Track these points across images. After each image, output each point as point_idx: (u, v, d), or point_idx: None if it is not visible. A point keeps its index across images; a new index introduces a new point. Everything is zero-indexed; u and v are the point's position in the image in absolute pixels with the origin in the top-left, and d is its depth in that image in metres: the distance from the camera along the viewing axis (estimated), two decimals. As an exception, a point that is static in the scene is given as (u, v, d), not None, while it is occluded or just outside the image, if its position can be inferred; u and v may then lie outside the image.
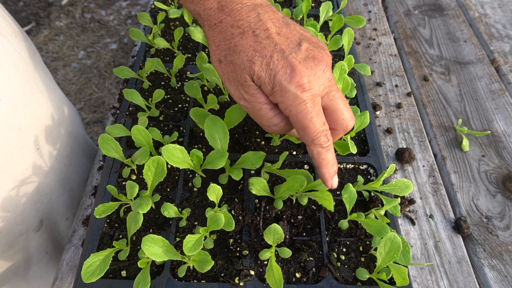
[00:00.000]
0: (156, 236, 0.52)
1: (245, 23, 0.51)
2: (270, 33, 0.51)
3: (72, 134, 0.86)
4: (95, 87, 2.58)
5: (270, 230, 0.54)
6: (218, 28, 0.53)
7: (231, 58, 0.52)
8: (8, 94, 0.64)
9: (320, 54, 0.52)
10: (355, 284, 0.58)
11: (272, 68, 0.49)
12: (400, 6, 1.22)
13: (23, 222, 0.74)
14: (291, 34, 0.52)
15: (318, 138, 0.52)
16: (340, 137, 0.57)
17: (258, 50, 0.50)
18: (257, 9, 0.52)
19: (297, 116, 0.50)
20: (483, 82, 0.99)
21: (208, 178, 0.68)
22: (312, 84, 0.50)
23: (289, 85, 0.49)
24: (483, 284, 0.67)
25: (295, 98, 0.49)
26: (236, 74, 0.52)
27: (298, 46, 0.51)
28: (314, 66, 0.50)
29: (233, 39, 0.51)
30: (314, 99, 0.50)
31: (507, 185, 0.79)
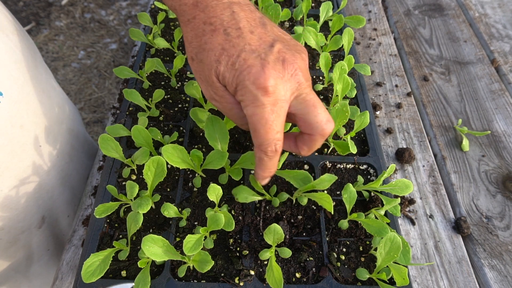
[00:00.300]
0: (156, 236, 0.52)
1: (218, 21, 0.50)
2: (242, 32, 0.49)
3: (72, 132, 0.87)
4: (95, 87, 2.58)
5: (270, 230, 0.54)
6: (191, 24, 0.51)
7: (201, 57, 0.51)
8: (10, 91, 0.64)
9: (292, 57, 0.50)
10: (355, 284, 0.58)
11: (237, 68, 0.48)
12: (400, 6, 1.22)
13: (25, 219, 0.74)
14: (265, 35, 0.50)
15: (264, 145, 0.50)
16: (320, 143, 0.54)
17: (227, 48, 0.48)
18: (233, 7, 0.51)
19: (252, 117, 0.49)
20: (483, 82, 0.99)
21: (208, 178, 0.68)
22: (277, 88, 0.48)
23: (251, 85, 0.47)
24: (483, 284, 0.67)
25: (254, 100, 0.48)
26: (205, 74, 0.51)
27: (270, 47, 0.49)
28: (282, 70, 0.48)
29: (204, 36, 0.50)
30: (275, 104, 0.48)
31: (507, 185, 0.79)
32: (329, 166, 0.71)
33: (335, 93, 0.72)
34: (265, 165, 0.54)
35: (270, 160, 0.53)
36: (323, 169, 0.71)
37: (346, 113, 0.63)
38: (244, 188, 0.63)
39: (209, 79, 0.51)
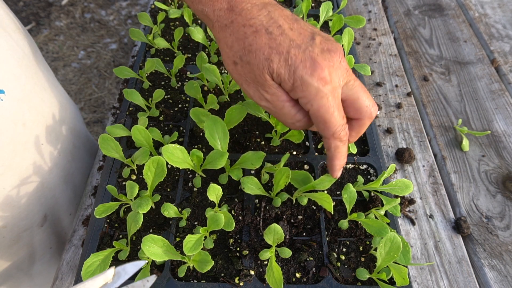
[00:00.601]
0: (156, 236, 0.52)
1: (257, 22, 0.50)
2: (283, 30, 0.50)
3: (74, 130, 0.87)
4: (95, 87, 2.58)
5: (270, 230, 0.54)
6: (230, 28, 0.51)
7: (247, 59, 0.51)
8: (12, 89, 0.65)
9: (334, 46, 0.51)
10: (355, 284, 0.58)
11: (291, 64, 0.49)
12: (400, 6, 1.22)
13: (28, 217, 0.75)
14: (303, 29, 0.52)
15: (338, 132, 0.52)
16: (367, 126, 0.56)
17: (274, 47, 0.49)
18: (267, 7, 0.52)
19: (319, 110, 0.50)
20: (483, 82, 0.99)
21: (208, 178, 0.68)
22: (332, 76, 0.49)
23: (311, 78, 0.48)
24: (483, 284, 0.67)
25: (317, 92, 0.49)
26: (254, 75, 0.51)
27: (312, 40, 0.50)
28: (331, 58, 0.50)
29: (246, 39, 0.50)
30: (334, 92, 0.50)
31: (507, 185, 0.79)
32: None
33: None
34: (342, 153, 0.55)
35: (344, 145, 0.54)
36: (323, 169, 0.71)
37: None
38: (253, 179, 0.63)
39: (260, 79, 0.51)
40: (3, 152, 0.64)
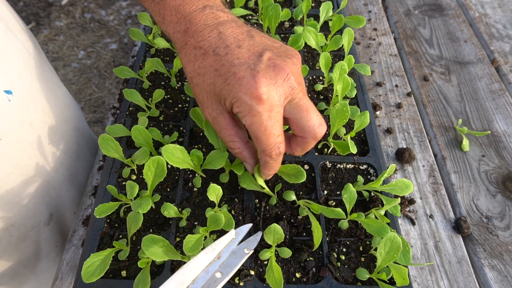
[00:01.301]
0: (156, 236, 0.52)
1: (207, 43, 0.51)
2: (230, 49, 0.50)
3: (78, 130, 0.88)
4: (95, 87, 2.58)
5: (270, 230, 0.54)
6: (184, 50, 0.53)
7: (196, 81, 0.53)
8: (19, 90, 0.65)
9: (282, 63, 0.51)
10: (355, 284, 0.58)
11: (230, 83, 0.50)
12: (400, 6, 1.22)
13: (35, 216, 0.75)
14: (254, 46, 0.52)
15: (268, 150, 0.53)
16: (312, 145, 0.56)
17: (218, 68, 0.50)
18: (219, 27, 0.52)
19: (251, 126, 0.50)
20: (483, 82, 0.99)
21: (208, 178, 0.68)
22: (271, 94, 0.49)
23: (245, 96, 0.49)
24: (483, 284, 0.67)
25: (250, 110, 0.49)
26: (202, 97, 0.53)
27: (259, 57, 0.50)
28: (274, 76, 0.50)
29: (196, 61, 0.52)
30: (271, 110, 0.50)
31: (507, 185, 0.79)
32: (329, 166, 0.71)
33: (335, 93, 0.72)
34: (270, 166, 0.56)
35: (275, 161, 0.55)
36: (323, 169, 0.71)
37: (346, 113, 0.63)
38: (249, 175, 0.63)
39: (207, 101, 0.53)
40: (11, 151, 0.65)
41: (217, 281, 0.45)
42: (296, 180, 0.61)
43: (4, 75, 0.63)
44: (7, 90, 0.62)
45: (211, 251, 0.48)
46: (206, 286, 0.45)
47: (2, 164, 0.65)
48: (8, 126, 0.64)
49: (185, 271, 0.45)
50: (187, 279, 0.44)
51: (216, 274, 0.46)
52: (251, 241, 0.52)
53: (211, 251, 0.48)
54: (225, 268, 0.46)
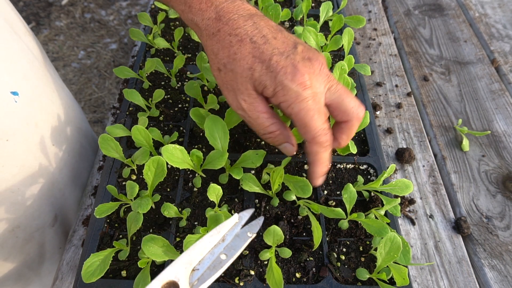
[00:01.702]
0: (156, 236, 0.52)
1: (243, 31, 0.52)
2: (267, 39, 0.52)
3: (81, 130, 0.88)
4: (95, 87, 2.58)
5: (270, 231, 0.54)
6: (217, 37, 0.54)
7: (231, 67, 0.53)
8: (24, 91, 0.66)
9: (315, 55, 0.53)
10: (355, 284, 0.58)
11: (273, 70, 0.51)
12: (400, 6, 1.22)
13: (40, 217, 0.76)
14: (286, 39, 0.54)
15: (318, 136, 0.53)
16: (356, 128, 0.57)
17: (257, 55, 0.51)
18: (253, 18, 0.54)
19: (299, 113, 0.51)
20: (483, 82, 0.99)
21: (208, 178, 0.68)
22: (313, 81, 0.51)
23: (291, 83, 0.50)
24: (483, 284, 0.67)
25: (297, 96, 0.50)
26: (236, 83, 0.53)
27: (294, 48, 0.53)
28: (311, 65, 0.52)
29: (232, 47, 0.52)
30: (315, 96, 0.51)
31: (507, 185, 0.79)
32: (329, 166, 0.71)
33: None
34: (323, 159, 0.56)
35: (326, 151, 0.55)
36: (323, 169, 0.71)
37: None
38: (252, 177, 0.63)
39: (241, 86, 0.53)
40: (17, 152, 0.66)
41: (222, 262, 0.47)
42: (303, 194, 0.60)
43: (10, 76, 0.63)
44: (13, 91, 0.63)
45: (216, 234, 0.49)
46: (211, 267, 0.46)
47: (9, 165, 0.65)
48: (14, 127, 0.64)
49: (192, 252, 0.46)
50: (194, 260, 0.46)
51: (221, 256, 0.47)
52: (253, 225, 0.53)
53: (216, 234, 0.49)
54: (230, 250, 0.48)
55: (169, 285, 0.43)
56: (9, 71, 0.63)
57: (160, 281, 0.42)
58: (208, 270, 0.46)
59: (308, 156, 0.56)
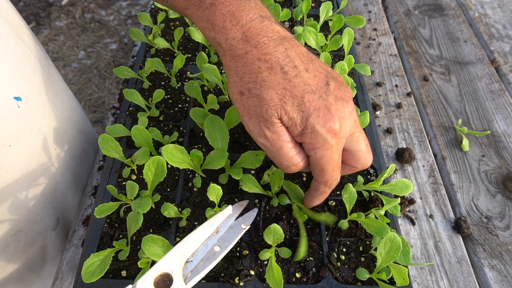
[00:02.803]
0: (156, 236, 0.52)
1: (273, 58, 0.48)
2: (299, 71, 0.49)
3: (83, 133, 0.88)
4: (95, 87, 2.58)
5: (270, 230, 0.54)
6: (244, 59, 0.50)
7: (257, 92, 0.49)
8: (28, 96, 0.66)
9: (347, 94, 0.51)
10: (355, 284, 0.58)
11: (304, 110, 0.48)
12: (400, 6, 1.22)
13: (42, 221, 0.76)
14: (318, 72, 0.50)
15: (330, 182, 0.53)
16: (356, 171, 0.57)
17: (289, 89, 0.48)
18: (284, 43, 0.49)
19: (321, 159, 0.50)
20: (483, 82, 0.99)
21: (208, 178, 0.68)
22: (342, 128, 0.49)
23: (322, 129, 0.48)
24: (483, 284, 0.67)
25: (325, 143, 0.48)
26: (261, 110, 0.49)
27: (326, 85, 0.49)
28: (342, 108, 0.49)
29: (260, 74, 0.48)
30: (339, 143, 0.50)
31: (507, 185, 0.79)
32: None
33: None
34: (324, 196, 0.57)
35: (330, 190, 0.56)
36: (323, 169, 0.71)
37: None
38: (251, 178, 0.63)
39: (266, 114, 0.49)
40: (20, 157, 0.65)
41: (216, 254, 0.47)
42: (300, 203, 0.61)
43: (14, 81, 0.63)
44: (16, 96, 0.62)
45: (209, 226, 0.49)
46: (205, 259, 0.47)
47: (12, 170, 0.65)
48: (18, 133, 0.64)
49: (186, 244, 0.46)
50: (187, 252, 0.46)
51: (214, 247, 0.48)
52: (247, 216, 0.54)
53: (209, 226, 0.49)
54: (223, 242, 0.48)
55: (163, 277, 0.43)
56: (13, 76, 0.63)
57: (154, 273, 0.42)
58: (201, 262, 0.46)
59: (313, 190, 0.56)
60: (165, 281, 0.43)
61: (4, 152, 0.62)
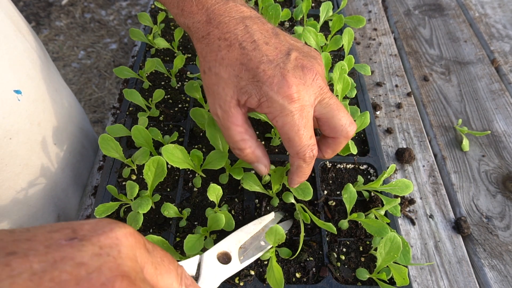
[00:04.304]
0: (156, 236, 0.52)
1: (232, 36, 0.50)
2: (257, 45, 0.49)
3: (82, 130, 0.88)
4: (95, 87, 2.58)
5: (272, 230, 0.54)
6: (206, 40, 0.52)
7: (216, 70, 0.51)
8: (28, 90, 0.66)
9: (310, 63, 0.50)
10: (355, 284, 0.58)
11: (259, 80, 0.48)
12: (400, 6, 1.22)
13: (43, 217, 0.76)
14: (280, 44, 0.51)
15: (302, 152, 0.51)
16: (343, 145, 0.55)
17: (245, 63, 0.49)
18: (245, 21, 0.51)
19: (284, 127, 0.49)
20: (483, 82, 0.99)
21: (208, 178, 0.68)
22: (301, 94, 0.48)
23: (276, 95, 0.48)
24: (483, 284, 0.67)
25: (282, 109, 0.48)
26: (218, 87, 0.51)
27: (287, 55, 0.50)
28: (303, 76, 0.49)
29: (220, 52, 0.50)
30: (302, 110, 0.49)
31: (507, 185, 0.79)
32: (329, 166, 0.71)
33: (335, 93, 0.72)
34: (302, 172, 0.54)
35: (308, 166, 0.53)
36: (323, 169, 0.71)
37: (346, 113, 0.63)
38: (253, 176, 0.63)
39: (222, 92, 0.51)
40: (21, 151, 0.66)
41: (262, 247, 0.57)
42: (304, 197, 0.60)
43: (14, 75, 0.63)
44: (16, 90, 0.63)
45: (258, 224, 0.59)
46: (254, 248, 0.56)
47: (12, 164, 0.65)
48: (18, 126, 0.64)
49: (240, 234, 0.56)
50: (242, 239, 0.56)
51: (261, 242, 0.57)
52: (286, 223, 0.63)
53: (258, 224, 0.59)
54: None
55: (223, 255, 0.53)
56: (13, 69, 0.63)
57: (217, 250, 0.53)
58: (251, 250, 0.56)
59: (290, 165, 0.55)
60: (224, 258, 0.53)
61: (4, 145, 0.62)
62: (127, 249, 0.30)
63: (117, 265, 0.28)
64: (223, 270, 0.51)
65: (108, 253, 0.29)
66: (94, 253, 0.28)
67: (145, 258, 0.32)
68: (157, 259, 0.33)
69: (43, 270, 0.26)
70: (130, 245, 0.30)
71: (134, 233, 0.32)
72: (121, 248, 0.30)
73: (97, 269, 0.27)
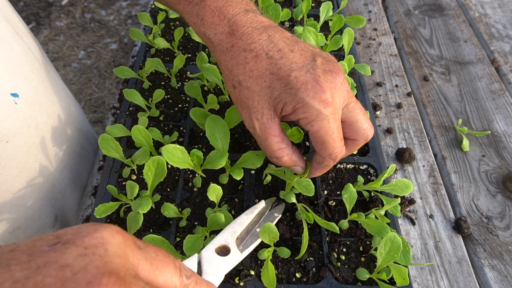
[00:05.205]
0: (156, 236, 0.52)
1: (258, 46, 0.50)
2: (284, 53, 0.50)
3: (82, 132, 0.88)
4: (95, 87, 2.58)
5: (265, 229, 0.54)
6: (231, 52, 0.52)
7: (247, 84, 0.51)
8: (25, 93, 0.66)
9: (335, 68, 0.51)
10: (355, 284, 0.58)
11: (292, 87, 0.49)
12: (400, 6, 1.22)
13: (40, 218, 0.76)
14: (304, 51, 0.52)
15: (334, 154, 0.52)
16: (360, 146, 0.56)
17: (275, 72, 0.49)
18: (268, 31, 0.51)
19: (319, 131, 0.50)
20: (483, 82, 0.99)
21: (208, 178, 0.68)
22: (334, 98, 0.49)
23: (312, 100, 0.48)
24: (483, 284, 0.67)
25: (318, 114, 0.49)
26: (252, 101, 0.51)
27: (313, 61, 0.50)
28: (333, 80, 0.50)
29: (247, 64, 0.50)
30: (335, 114, 0.50)
31: (507, 185, 0.79)
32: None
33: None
34: (327, 169, 0.56)
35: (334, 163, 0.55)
36: (323, 169, 0.71)
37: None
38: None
39: (257, 105, 0.51)
40: (18, 154, 0.65)
41: (257, 235, 0.57)
42: (307, 192, 0.60)
43: (11, 78, 0.63)
44: (13, 93, 0.63)
45: (250, 213, 0.59)
46: (251, 236, 0.57)
47: (9, 167, 0.65)
48: (15, 129, 0.64)
49: (234, 225, 0.56)
50: (237, 230, 0.56)
51: (256, 229, 0.58)
52: (278, 207, 0.63)
53: (250, 213, 0.59)
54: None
55: (221, 248, 0.53)
56: (10, 72, 0.63)
57: (214, 245, 0.52)
58: (249, 238, 0.56)
59: (317, 163, 0.56)
60: (223, 251, 0.53)
61: (1, 149, 0.62)
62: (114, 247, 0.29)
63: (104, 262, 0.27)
64: (224, 263, 0.51)
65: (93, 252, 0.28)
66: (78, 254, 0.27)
67: (137, 255, 0.31)
68: (151, 254, 0.32)
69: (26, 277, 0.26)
70: (117, 243, 0.30)
71: (121, 231, 0.31)
72: (107, 246, 0.29)
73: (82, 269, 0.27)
